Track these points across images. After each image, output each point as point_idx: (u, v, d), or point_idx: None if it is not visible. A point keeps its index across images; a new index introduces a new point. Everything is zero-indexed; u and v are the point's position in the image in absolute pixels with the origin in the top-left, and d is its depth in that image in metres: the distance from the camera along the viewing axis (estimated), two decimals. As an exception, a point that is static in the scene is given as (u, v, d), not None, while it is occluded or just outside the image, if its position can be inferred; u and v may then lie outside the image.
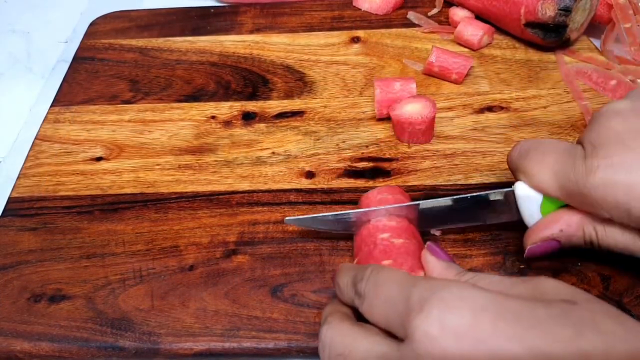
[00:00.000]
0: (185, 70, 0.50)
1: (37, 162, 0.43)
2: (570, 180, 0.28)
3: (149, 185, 0.41)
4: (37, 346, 0.33)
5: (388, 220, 0.33)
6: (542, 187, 0.30)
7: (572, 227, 0.30)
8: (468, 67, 0.45)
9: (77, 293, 0.35)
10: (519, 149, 0.32)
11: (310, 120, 0.44)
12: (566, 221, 0.30)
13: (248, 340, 0.32)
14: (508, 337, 0.20)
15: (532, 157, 0.30)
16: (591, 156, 0.27)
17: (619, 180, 0.26)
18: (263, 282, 0.35)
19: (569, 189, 0.28)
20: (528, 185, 0.31)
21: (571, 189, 0.28)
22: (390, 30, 0.51)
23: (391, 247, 0.31)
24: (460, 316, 0.21)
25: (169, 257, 0.36)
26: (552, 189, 0.30)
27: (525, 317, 0.21)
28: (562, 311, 0.21)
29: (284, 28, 0.53)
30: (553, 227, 0.30)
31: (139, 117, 0.46)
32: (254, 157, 0.42)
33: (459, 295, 0.22)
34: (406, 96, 0.41)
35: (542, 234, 0.31)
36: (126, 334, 0.33)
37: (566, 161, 0.29)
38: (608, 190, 0.27)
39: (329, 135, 0.43)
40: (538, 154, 0.30)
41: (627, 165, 0.26)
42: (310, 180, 0.40)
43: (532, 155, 0.30)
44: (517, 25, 0.47)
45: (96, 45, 0.53)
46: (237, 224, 0.38)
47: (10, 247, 0.38)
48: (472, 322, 0.21)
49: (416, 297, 0.22)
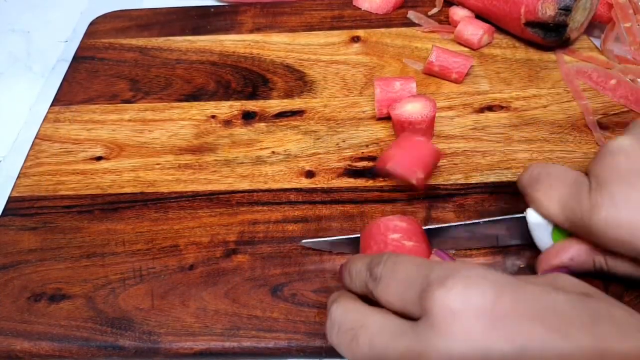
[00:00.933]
0: (185, 69, 0.50)
1: (37, 162, 0.43)
2: (576, 214, 0.28)
3: (149, 184, 0.41)
4: (37, 345, 0.33)
5: (399, 220, 0.32)
6: (550, 218, 0.30)
7: (582, 256, 0.30)
8: (468, 66, 0.45)
9: (77, 292, 0.35)
10: (528, 176, 0.32)
11: (310, 120, 0.44)
12: (577, 250, 0.30)
13: (248, 340, 0.32)
14: (528, 318, 0.21)
15: (541, 188, 0.31)
16: (596, 191, 0.27)
17: (622, 219, 0.26)
18: (263, 282, 0.35)
19: (576, 223, 0.29)
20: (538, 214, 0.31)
21: (577, 223, 0.28)
22: (390, 29, 0.51)
23: (402, 248, 0.31)
24: (483, 294, 0.21)
25: (169, 257, 0.36)
26: (560, 221, 0.30)
27: (544, 301, 0.21)
28: (579, 299, 0.22)
29: (284, 27, 0.53)
30: (563, 256, 0.30)
31: (139, 116, 0.46)
32: (254, 157, 0.42)
33: (483, 275, 0.22)
34: (406, 95, 0.41)
35: (553, 262, 0.31)
36: (126, 333, 0.33)
37: (573, 194, 0.29)
38: (611, 229, 0.27)
39: (329, 134, 0.43)
40: (546, 185, 0.30)
41: (631, 205, 0.26)
42: (310, 179, 0.40)
43: (540, 186, 0.31)
44: (517, 25, 0.47)
45: (96, 45, 0.53)
46: (237, 223, 0.38)
47: (10, 247, 0.38)
48: (494, 301, 0.21)
49: (437, 274, 0.22)
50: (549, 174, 0.31)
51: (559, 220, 0.30)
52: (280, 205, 0.39)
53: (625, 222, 0.26)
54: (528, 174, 0.32)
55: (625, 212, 0.26)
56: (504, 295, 0.21)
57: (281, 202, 0.39)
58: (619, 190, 0.27)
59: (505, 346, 0.20)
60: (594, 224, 0.27)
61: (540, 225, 0.32)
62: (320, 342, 0.32)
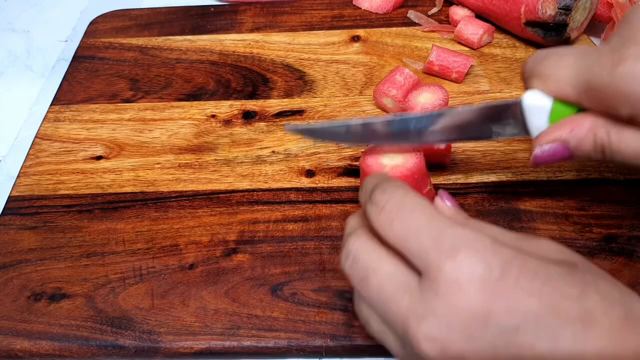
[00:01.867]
0: (185, 69, 0.50)
1: (37, 161, 0.43)
2: (593, 72, 0.27)
3: (149, 184, 0.41)
4: (37, 345, 0.33)
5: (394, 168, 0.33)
6: (559, 87, 0.29)
7: (582, 129, 0.28)
8: (468, 66, 0.45)
9: (77, 292, 0.35)
10: (536, 55, 0.30)
11: (311, 119, 0.44)
12: (577, 123, 0.29)
13: (248, 339, 0.32)
14: (528, 292, 0.21)
15: (551, 58, 0.29)
16: (622, 47, 0.26)
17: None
18: (263, 281, 0.35)
19: (591, 83, 0.27)
20: (540, 92, 0.30)
21: (593, 83, 0.27)
22: (390, 29, 0.51)
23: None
24: (490, 270, 0.22)
25: (169, 256, 0.36)
26: (569, 88, 0.28)
27: (541, 274, 0.22)
28: (569, 272, 0.22)
29: (284, 27, 0.53)
30: (562, 129, 0.29)
31: (139, 115, 0.46)
32: (254, 156, 0.42)
33: (492, 249, 0.22)
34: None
35: (550, 136, 0.29)
36: (126, 332, 0.33)
37: (590, 56, 0.27)
38: (636, 82, 0.25)
39: (329, 134, 0.43)
40: (557, 55, 0.29)
41: None
42: (310, 179, 0.40)
43: (551, 57, 0.29)
44: (518, 24, 0.47)
45: (96, 44, 0.53)
46: (237, 222, 0.38)
47: (10, 246, 0.38)
48: (500, 276, 0.21)
49: (449, 240, 0.22)
50: (560, 48, 0.29)
51: (569, 87, 0.28)
52: (280, 205, 0.39)
53: None
54: (536, 54, 0.30)
55: None
56: (510, 270, 0.22)
57: (281, 201, 0.39)
58: None
59: (504, 319, 0.21)
60: (616, 78, 0.26)
61: (537, 108, 0.30)
62: (320, 341, 0.32)
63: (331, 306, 0.33)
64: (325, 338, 0.32)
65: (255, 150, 0.42)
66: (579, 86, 0.28)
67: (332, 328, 0.32)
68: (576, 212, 0.36)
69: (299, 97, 0.46)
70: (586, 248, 0.34)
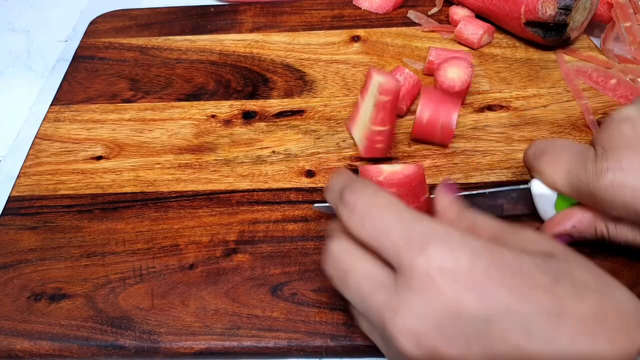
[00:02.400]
0: (186, 69, 0.50)
1: (37, 161, 0.43)
2: (581, 181, 0.30)
3: (149, 184, 0.41)
4: (37, 345, 0.33)
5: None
6: (555, 186, 0.32)
7: (584, 223, 0.31)
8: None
9: (77, 292, 0.35)
10: (534, 149, 0.33)
11: (311, 119, 0.44)
12: (579, 218, 0.32)
13: (248, 339, 0.32)
14: (497, 284, 0.22)
15: (546, 158, 0.32)
16: (601, 159, 0.29)
17: (626, 183, 0.28)
18: (263, 281, 0.35)
19: (580, 189, 0.30)
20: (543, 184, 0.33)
21: (582, 189, 0.30)
22: (390, 29, 0.51)
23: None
24: (459, 261, 0.22)
25: (169, 256, 0.36)
26: (564, 188, 0.31)
27: (512, 265, 0.22)
28: (542, 261, 0.23)
29: (284, 27, 0.53)
30: (566, 224, 0.32)
31: (139, 116, 0.46)
32: (254, 156, 0.42)
33: (460, 241, 0.23)
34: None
35: (555, 230, 0.32)
36: (126, 332, 0.33)
37: (578, 163, 0.30)
38: (616, 192, 0.28)
39: (329, 134, 0.43)
40: (552, 155, 0.32)
41: (635, 169, 0.28)
42: (310, 179, 0.40)
43: (546, 157, 0.32)
44: (518, 24, 0.47)
45: (96, 44, 0.53)
46: (237, 222, 0.38)
47: (10, 246, 0.38)
48: (469, 267, 0.22)
49: (418, 236, 0.23)
50: (554, 146, 0.32)
51: (564, 188, 0.31)
52: (280, 205, 0.39)
53: (629, 186, 0.28)
54: (534, 147, 0.33)
55: (631, 176, 0.28)
56: (479, 261, 0.22)
57: (281, 201, 0.39)
58: (625, 155, 0.28)
59: (474, 311, 0.22)
60: (599, 188, 0.29)
61: (543, 196, 0.33)
62: (320, 341, 0.32)
63: (331, 306, 0.33)
64: (325, 338, 0.32)
65: (255, 151, 0.42)
66: (571, 190, 0.31)
67: (332, 328, 0.32)
68: (576, 212, 0.36)
69: (299, 97, 0.46)
70: (586, 248, 0.34)
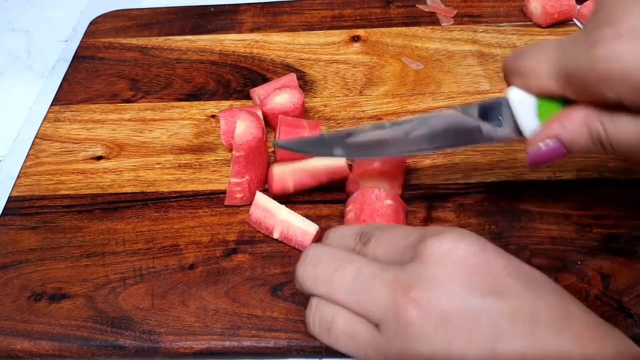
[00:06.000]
0: (186, 69, 0.50)
1: (38, 161, 0.43)
2: (571, 61, 0.26)
3: (149, 184, 0.41)
4: (37, 345, 0.33)
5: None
6: (540, 82, 0.28)
7: (575, 122, 0.27)
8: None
9: (77, 292, 0.35)
10: (514, 52, 0.30)
11: (311, 119, 0.44)
12: (568, 117, 0.28)
13: (248, 339, 0.32)
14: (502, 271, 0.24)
15: (528, 54, 0.28)
16: (596, 30, 0.25)
17: (624, 49, 0.24)
18: (263, 281, 0.35)
19: (570, 72, 0.26)
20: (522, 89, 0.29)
21: (572, 71, 0.26)
22: (390, 29, 0.51)
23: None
24: (470, 245, 0.24)
25: (169, 256, 0.36)
26: (551, 81, 0.27)
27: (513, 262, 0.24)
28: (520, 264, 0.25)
29: (284, 27, 0.53)
30: (554, 126, 0.28)
31: (139, 116, 0.46)
32: (254, 156, 0.42)
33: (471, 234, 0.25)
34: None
35: (542, 135, 0.29)
36: (126, 332, 0.33)
37: (566, 45, 0.27)
38: (614, 63, 0.24)
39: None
40: (534, 50, 0.28)
41: (633, 32, 0.24)
42: (310, 179, 0.40)
43: (528, 54, 0.28)
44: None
45: (96, 44, 0.53)
46: (238, 222, 0.38)
47: (10, 246, 0.38)
48: (478, 252, 0.24)
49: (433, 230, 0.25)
50: (537, 44, 0.29)
51: (549, 80, 0.27)
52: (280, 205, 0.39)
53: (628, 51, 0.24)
54: (514, 52, 0.30)
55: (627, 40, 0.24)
56: (487, 250, 0.24)
57: (281, 201, 0.39)
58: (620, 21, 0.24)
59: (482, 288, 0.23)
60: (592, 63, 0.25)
61: (524, 103, 0.29)
62: (320, 341, 0.32)
63: (331, 306, 0.33)
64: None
65: (255, 150, 0.42)
66: (560, 78, 0.27)
67: (332, 328, 0.32)
68: (576, 212, 0.36)
69: (299, 97, 0.46)
70: (586, 248, 0.35)
